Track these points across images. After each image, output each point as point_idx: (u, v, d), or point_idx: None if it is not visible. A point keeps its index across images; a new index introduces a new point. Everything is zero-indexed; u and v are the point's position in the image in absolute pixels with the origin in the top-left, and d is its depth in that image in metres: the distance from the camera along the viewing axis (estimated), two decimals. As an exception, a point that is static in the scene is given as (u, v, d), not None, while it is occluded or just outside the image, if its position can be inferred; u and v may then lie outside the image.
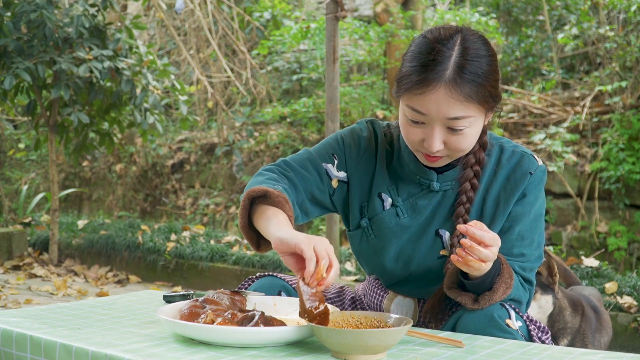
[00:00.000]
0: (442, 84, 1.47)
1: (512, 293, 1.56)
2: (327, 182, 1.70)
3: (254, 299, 1.57)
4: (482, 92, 1.50)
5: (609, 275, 3.98)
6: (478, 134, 1.57)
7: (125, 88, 5.06)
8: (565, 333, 2.64)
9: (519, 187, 1.62)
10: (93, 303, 1.77)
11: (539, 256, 1.64)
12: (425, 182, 1.66)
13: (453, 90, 1.47)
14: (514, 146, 1.67)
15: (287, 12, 7.80)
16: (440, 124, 1.51)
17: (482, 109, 1.53)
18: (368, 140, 1.71)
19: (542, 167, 1.65)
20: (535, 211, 1.64)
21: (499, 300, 1.53)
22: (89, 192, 8.60)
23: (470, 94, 1.48)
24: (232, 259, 5.04)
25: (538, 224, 1.64)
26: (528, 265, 1.62)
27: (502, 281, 1.52)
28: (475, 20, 6.59)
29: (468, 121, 1.51)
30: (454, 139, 1.52)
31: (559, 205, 5.72)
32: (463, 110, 1.49)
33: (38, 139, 5.78)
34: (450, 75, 1.47)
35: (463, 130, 1.52)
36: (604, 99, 5.99)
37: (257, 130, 7.68)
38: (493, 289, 1.52)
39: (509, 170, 1.64)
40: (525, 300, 1.61)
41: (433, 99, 1.48)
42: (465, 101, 1.48)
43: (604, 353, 1.35)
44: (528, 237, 1.62)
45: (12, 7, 4.92)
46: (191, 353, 1.29)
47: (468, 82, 1.48)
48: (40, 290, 4.64)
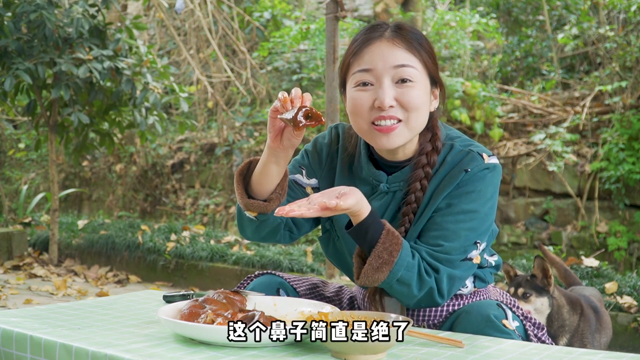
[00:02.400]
0: (384, 39, 1.60)
1: (396, 273, 1.50)
2: (300, 190, 1.75)
3: (254, 299, 1.57)
4: (422, 52, 1.61)
5: (609, 275, 3.98)
6: (426, 102, 1.61)
7: (126, 88, 5.06)
8: (564, 331, 2.64)
9: (451, 184, 1.59)
10: (93, 303, 1.77)
11: (463, 251, 1.57)
12: (376, 184, 1.67)
13: (395, 40, 1.60)
14: (467, 145, 1.64)
15: (287, 12, 7.80)
16: (388, 77, 1.58)
17: (425, 71, 1.61)
18: (329, 147, 1.77)
19: (489, 166, 1.60)
20: (467, 207, 1.57)
21: (376, 276, 1.50)
22: (89, 192, 8.60)
23: (412, 45, 1.60)
24: (232, 259, 5.04)
25: (467, 220, 1.57)
26: (442, 256, 1.55)
27: (376, 254, 1.50)
28: (476, 21, 6.59)
29: (413, 72, 1.58)
30: (403, 92, 1.57)
31: (559, 205, 5.72)
32: (407, 59, 1.58)
33: (38, 139, 5.78)
34: (389, 34, 1.61)
35: (411, 83, 1.57)
36: (604, 99, 5.99)
37: (257, 130, 7.68)
38: (367, 261, 1.51)
39: (449, 168, 1.62)
40: (414, 284, 1.53)
41: (377, 51, 1.59)
42: (408, 50, 1.59)
43: (604, 353, 1.35)
44: (450, 228, 1.56)
45: (13, 7, 4.92)
46: (191, 353, 1.29)
47: (407, 38, 1.60)
48: (40, 290, 4.64)
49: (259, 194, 1.63)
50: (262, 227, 1.68)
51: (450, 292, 1.57)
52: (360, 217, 1.51)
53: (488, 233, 1.63)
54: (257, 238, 1.72)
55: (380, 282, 1.52)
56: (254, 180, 1.63)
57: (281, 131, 1.56)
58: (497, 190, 1.63)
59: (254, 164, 1.65)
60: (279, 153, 1.58)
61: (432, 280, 1.54)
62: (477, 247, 1.59)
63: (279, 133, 1.56)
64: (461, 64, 6.62)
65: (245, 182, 1.65)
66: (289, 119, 1.49)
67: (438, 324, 1.68)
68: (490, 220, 1.61)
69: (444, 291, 1.56)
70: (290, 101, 1.50)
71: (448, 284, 1.56)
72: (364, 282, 1.53)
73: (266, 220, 1.66)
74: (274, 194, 1.62)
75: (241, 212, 1.67)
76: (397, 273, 1.51)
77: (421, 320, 1.68)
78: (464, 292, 1.69)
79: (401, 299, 1.58)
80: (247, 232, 1.71)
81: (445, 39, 6.68)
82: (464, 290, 1.69)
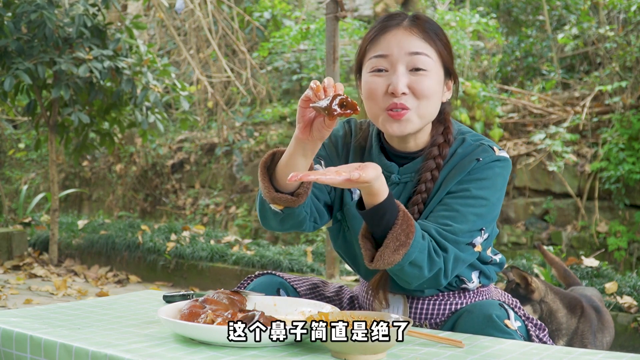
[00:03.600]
0: (401, 27, 1.62)
1: (411, 255, 1.49)
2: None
3: (254, 299, 1.57)
4: (438, 42, 1.63)
5: (609, 275, 3.98)
6: (437, 91, 1.62)
7: (126, 88, 5.06)
8: (560, 334, 2.64)
9: (463, 171, 1.60)
10: (93, 303, 1.77)
11: (470, 235, 1.57)
12: (387, 175, 1.66)
13: (412, 29, 1.62)
14: (478, 139, 1.66)
15: (287, 12, 7.80)
16: (402, 64, 1.59)
17: (439, 61, 1.62)
18: (344, 138, 1.78)
19: (500, 158, 1.61)
20: (477, 192, 1.58)
21: (392, 259, 1.47)
22: (89, 192, 8.59)
23: (428, 34, 1.62)
24: (232, 259, 5.04)
25: (476, 205, 1.58)
26: (450, 236, 1.54)
27: (394, 236, 1.47)
28: (476, 21, 6.59)
29: (428, 61, 1.60)
30: (416, 80, 1.58)
31: (559, 205, 5.72)
32: (422, 47, 1.60)
33: (38, 139, 5.78)
34: (407, 23, 1.63)
35: (425, 71, 1.59)
36: (604, 99, 5.99)
37: (257, 130, 7.68)
38: (384, 244, 1.48)
39: (460, 159, 1.63)
40: (425, 265, 1.51)
41: (393, 38, 1.61)
42: (424, 39, 1.61)
43: (604, 353, 1.35)
44: (459, 210, 1.57)
45: (13, 7, 4.92)
46: (191, 353, 1.29)
47: (424, 27, 1.62)
48: (40, 290, 4.64)
49: (285, 187, 1.59)
50: (287, 219, 1.63)
51: (453, 273, 1.58)
52: (378, 198, 1.47)
53: (494, 223, 1.65)
54: (281, 229, 1.68)
55: (395, 264, 1.49)
56: (279, 173, 1.58)
57: (311, 122, 1.52)
58: (505, 184, 1.64)
59: (277, 156, 1.61)
60: (306, 145, 1.53)
61: (441, 260, 1.53)
62: (481, 234, 1.60)
63: (309, 124, 1.51)
64: (461, 64, 6.62)
65: (270, 174, 1.61)
66: (324, 107, 1.43)
67: (440, 322, 1.68)
68: (497, 210, 1.63)
69: (449, 272, 1.56)
70: (323, 89, 1.46)
71: (453, 265, 1.56)
72: (379, 264, 1.49)
73: (292, 214, 1.61)
74: (302, 188, 1.58)
75: (264, 204, 1.62)
76: (411, 255, 1.49)
77: (423, 319, 1.68)
78: (470, 287, 1.69)
79: (408, 280, 1.56)
80: (270, 224, 1.66)
81: (445, 39, 6.67)
82: (470, 285, 1.68)
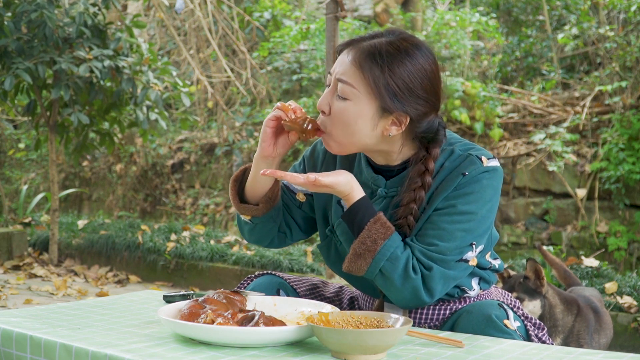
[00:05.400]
0: (353, 48, 1.55)
1: (379, 261, 1.50)
2: (291, 196, 1.78)
3: (254, 299, 1.57)
4: (381, 79, 1.51)
5: (609, 275, 3.98)
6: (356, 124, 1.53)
7: (126, 87, 5.06)
8: (556, 331, 2.63)
9: (449, 187, 1.56)
10: (93, 303, 1.77)
11: (458, 252, 1.54)
12: (374, 189, 1.66)
13: (355, 55, 1.53)
14: (467, 149, 1.61)
15: (287, 12, 7.80)
16: (334, 84, 1.56)
17: (372, 96, 1.52)
18: (325, 152, 1.77)
19: (488, 169, 1.56)
20: (463, 208, 1.54)
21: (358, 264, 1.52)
22: (89, 192, 8.59)
23: (364, 67, 1.51)
24: (232, 259, 5.04)
25: (463, 221, 1.54)
26: (436, 256, 1.52)
27: (360, 240, 1.52)
28: (476, 20, 6.59)
29: (350, 92, 1.52)
30: (337, 104, 1.55)
31: (559, 205, 5.72)
32: (350, 76, 1.52)
33: (38, 139, 5.78)
34: (364, 46, 1.53)
35: (344, 101, 1.54)
36: (604, 99, 5.99)
37: (257, 130, 7.67)
38: (351, 247, 1.54)
39: (447, 173, 1.59)
40: (396, 277, 1.50)
41: (340, 58, 1.57)
42: (356, 69, 1.52)
43: (604, 353, 1.35)
44: (446, 228, 1.54)
45: (13, 7, 4.92)
46: (191, 353, 1.29)
47: (372, 59, 1.51)
48: (40, 290, 4.64)
49: (252, 198, 1.71)
50: (257, 229, 1.74)
51: (442, 291, 1.56)
52: (351, 200, 1.55)
53: (486, 235, 1.60)
54: (253, 240, 1.79)
55: (364, 271, 1.53)
56: (247, 186, 1.70)
57: (275, 140, 1.62)
58: (497, 193, 1.59)
59: (249, 170, 1.71)
60: (270, 161, 1.64)
61: (418, 278, 1.51)
62: (472, 249, 1.57)
63: (274, 142, 1.62)
64: (461, 64, 6.62)
65: (241, 187, 1.73)
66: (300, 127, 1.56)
67: (440, 324, 1.68)
68: (488, 222, 1.58)
69: (435, 291, 1.53)
70: (293, 111, 1.57)
71: (442, 284, 1.54)
72: (348, 268, 1.54)
73: (260, 224, 1.72)
74: (264, 197, 1.69)
75: (239, 216, 1.76)
76: (379, 262, 1.50)
77: (423, 321, 1.68)
78: (471, 295, 1.67)
79: (388, 294, 1.57)
80: (244, 234, 1.79)
81: (445, 39, 6.68)
82: (471, 293, 1.67)
